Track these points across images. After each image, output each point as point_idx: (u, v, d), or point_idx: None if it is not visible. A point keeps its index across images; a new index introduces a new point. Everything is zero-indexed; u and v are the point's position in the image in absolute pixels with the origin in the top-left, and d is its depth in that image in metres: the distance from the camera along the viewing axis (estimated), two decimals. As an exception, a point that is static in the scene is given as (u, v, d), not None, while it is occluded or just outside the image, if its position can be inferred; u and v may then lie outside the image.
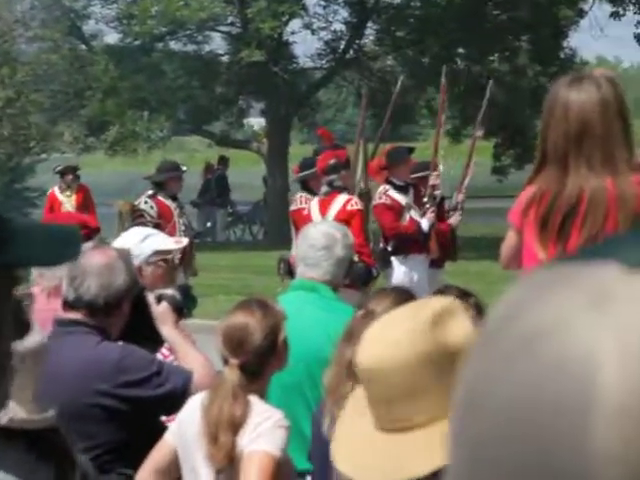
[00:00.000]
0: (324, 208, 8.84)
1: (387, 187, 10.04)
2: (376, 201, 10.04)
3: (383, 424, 1.91)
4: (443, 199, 10.44)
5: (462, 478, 0.62)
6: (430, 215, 9.98)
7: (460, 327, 1.91)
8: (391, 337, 1.93)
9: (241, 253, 21.03)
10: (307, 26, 25.82)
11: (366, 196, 9.82)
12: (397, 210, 9.99)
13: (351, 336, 3.07)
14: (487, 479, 0.60)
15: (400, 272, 9.90)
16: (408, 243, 9.90)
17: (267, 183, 25.55)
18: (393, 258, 9.97)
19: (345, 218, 8.24)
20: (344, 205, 8.73)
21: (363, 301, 3.47)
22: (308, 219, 8.75)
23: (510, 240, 3.88)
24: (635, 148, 3.71)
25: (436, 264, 10.07)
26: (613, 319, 0.57)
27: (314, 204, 9.02)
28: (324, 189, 9.05)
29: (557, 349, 0.58)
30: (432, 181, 10.08)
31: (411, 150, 10.45)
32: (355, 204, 8.78)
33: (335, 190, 8.92)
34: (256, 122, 35.39)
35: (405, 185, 10.08)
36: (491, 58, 25.83)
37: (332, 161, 9.08)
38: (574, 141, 3.62)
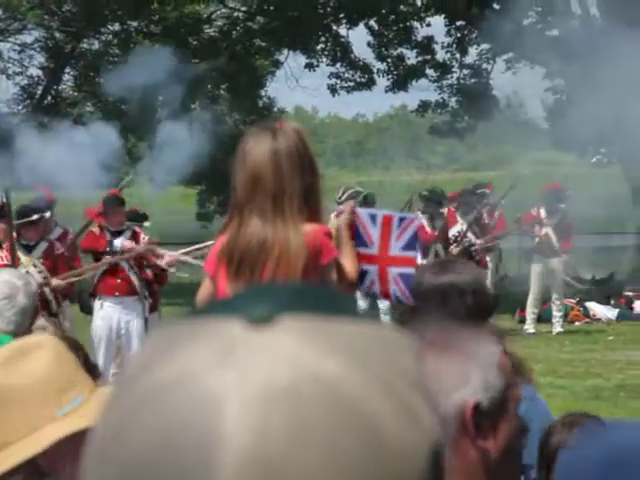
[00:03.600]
0: None
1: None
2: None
3: None
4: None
5: None
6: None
7: (33, 365, 1.98)
8: None
9: None
10: (2, 71, 25.12)
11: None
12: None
13: None
14: None
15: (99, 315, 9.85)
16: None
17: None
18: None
19: None
20: None
21: None
22: None
23: (205, 288, 3.95)
24: (321, 197, 3.82)
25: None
26: (235, 372, 0.60)
27: None
28: None
29: (182, 402, 0.59)
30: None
31: (122, 200, 10.42)
32: (3, 259, 8.70)
33: None
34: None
35: (119, 231, 10.08)
36: (192, 106, 26.05)
37: None
38: (248, 190, 3.73)
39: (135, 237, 10.18)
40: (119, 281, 9.85)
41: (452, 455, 1.75)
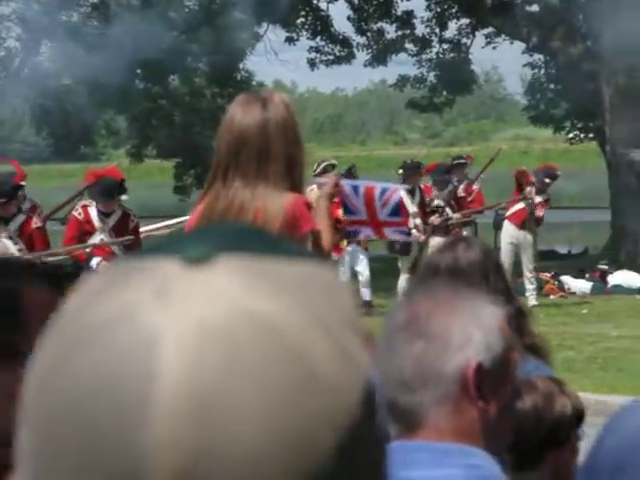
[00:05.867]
0: None
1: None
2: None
3: None
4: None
5: (29, 462, 0.64)
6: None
7: None
8: None
9: None
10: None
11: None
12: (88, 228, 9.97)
13: None
14: (49, 466, 0.62)
15: None
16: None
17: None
18: None
19: None
20: None
21: None
22: None
23: None
24: (304, 169, 3.88)
25: None
26: (171, 310, 0.61)
27: None
28: None
29: (119, 339, 0.62)
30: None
31: (123, 188, 10.19)
32: None
33: None
34: None
35: (107, 213, 10.02)
36: (171, 79, 25.99)
37: None
38: (233, 154, 3.77)
39: (125, 219, 10.10)
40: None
41: (452, 414, 1.79)
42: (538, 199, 14.78)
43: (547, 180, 14.96)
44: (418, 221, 13.89)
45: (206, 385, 0.60)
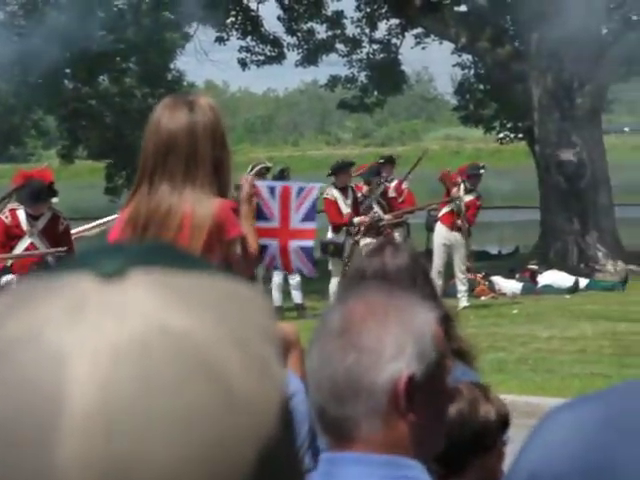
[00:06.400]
0: None
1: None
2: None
3: None
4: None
5: None
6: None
7: None
8: None
9: None
10: None
11: None
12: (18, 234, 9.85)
13: None
14: None
15: None
16: None
17: None
18: None
19: None
20: None
21: None
22: None
23: None
24: (230, 172, 3.87)
25: None
26: (83, 326, 0.60)
27: None
28: None
29: (29, 358, 0.60)
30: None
31: (53, 191, 10.09)
32: None
33: None
34: None
35: (36, 216, 9.90)
36: (101, 79, 25.76)
37: None
38: (160, 157, 3.74)
39: (54, 221, 9.94)
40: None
41: (382, 426, 1.76)
42: (469, 197, 14.87)
43: (473, 176, 14.97)
44: (355, 220, 13.94)
45: (118, 401, 0.59)
